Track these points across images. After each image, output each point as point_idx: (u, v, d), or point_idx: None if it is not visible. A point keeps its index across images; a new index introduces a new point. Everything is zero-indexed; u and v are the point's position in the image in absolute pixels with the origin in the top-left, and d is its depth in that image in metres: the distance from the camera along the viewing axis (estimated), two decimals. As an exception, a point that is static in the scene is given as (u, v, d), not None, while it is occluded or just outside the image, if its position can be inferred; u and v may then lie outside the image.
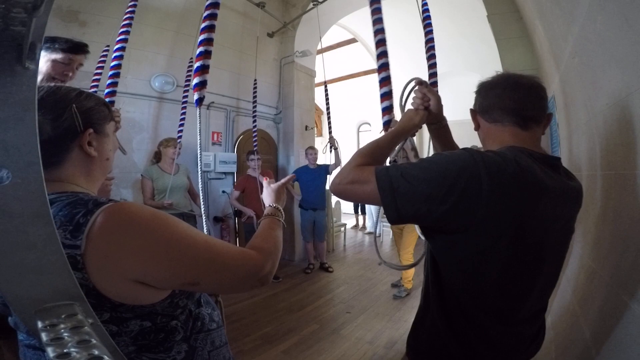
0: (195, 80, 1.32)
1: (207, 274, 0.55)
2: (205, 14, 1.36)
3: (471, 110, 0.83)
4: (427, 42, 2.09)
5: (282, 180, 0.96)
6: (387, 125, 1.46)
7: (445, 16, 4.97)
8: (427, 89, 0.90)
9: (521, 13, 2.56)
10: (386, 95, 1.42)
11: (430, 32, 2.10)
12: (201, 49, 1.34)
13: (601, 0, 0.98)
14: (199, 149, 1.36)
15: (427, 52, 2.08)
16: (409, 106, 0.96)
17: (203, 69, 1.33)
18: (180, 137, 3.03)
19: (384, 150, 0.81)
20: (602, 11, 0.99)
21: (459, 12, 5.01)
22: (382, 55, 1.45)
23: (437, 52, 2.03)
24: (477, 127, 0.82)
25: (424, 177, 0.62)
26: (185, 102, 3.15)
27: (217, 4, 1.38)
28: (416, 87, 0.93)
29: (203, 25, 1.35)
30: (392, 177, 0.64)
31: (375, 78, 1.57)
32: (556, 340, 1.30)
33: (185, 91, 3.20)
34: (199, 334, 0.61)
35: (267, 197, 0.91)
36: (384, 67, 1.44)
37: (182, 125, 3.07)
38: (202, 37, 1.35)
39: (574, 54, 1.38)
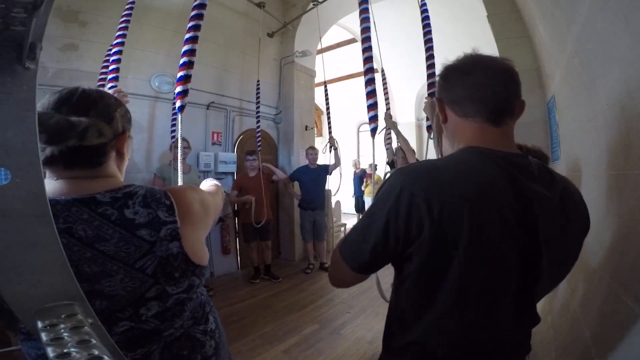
0: (178, 89, 1.41)
1: (217, 210, 0.81)
2: (189, 25, 1.43)
3: (438, 99, 0.70)
4: (426, 42, 2.10)
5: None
6: (373, 132, 1.73)
7: (445, 15, 4.97)
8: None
9: (521, 13, 2.56)
10: (372, 106, 1.72)
11: (429, 32, 2.10)
12: (184, 59, 1.43)
13: (601, 0, 0.98)
14: (179, 151, 1.49)
15: (426, 52, 2.08)
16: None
17: (186, 79, 1.44)
18: (173, 136, 3.05)
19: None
20: (602, 11, 0.99)
21: (459, 12, 5.02)
22: (369, 71, 1.76)
23: (437, 52, 2.03)
24: (445, 120, 0.70)
25: (369, 233, 0.62)
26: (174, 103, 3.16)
27: (201, 15, 1.47)
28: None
29: (187, 36, 1.42)
30: (345, 240, 0.68)
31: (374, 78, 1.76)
32: (556, 340, 1.30)
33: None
34: (212, 306, 0.77)
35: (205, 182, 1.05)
36: (370, 82, 1.75)
37: (173, 126, 3.08)
38: (185, 47, 1.44)
39: (574, 54, 1.38)
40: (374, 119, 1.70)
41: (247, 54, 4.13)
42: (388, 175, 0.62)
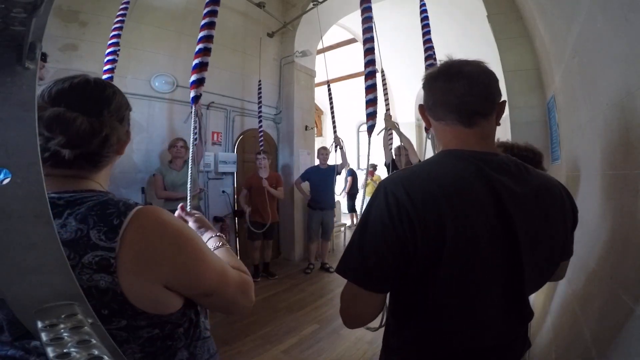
0: (192, 78, 1.28)
1: (220, 288, 0.58)
2: (205, 11, 1.36)
3: (420, 106, 0.74)
4: (425, 42, 2.09)
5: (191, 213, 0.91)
6: (371, 129, 1.62)
7: (445, 16, 4.97)
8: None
9: (521, 13, 2.56)
10: (371, 102, 1.58)
11: (428, 32, 2.10)
12: (200, 45, 1.31)
13: (601, 0, 0.98)
14: (190, 148, 1.29)
15: (425, 52, 2.08)
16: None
17: (201, 67, 1.29)
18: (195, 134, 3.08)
19: None
20: (602, 11, 0.99)
21: (459, 11, 5.01)
22: (370, 63, 1.62)
23: (438, 51, 2.03)
24: (429, 124, 0.73)
25: (370, 245, 0.60)
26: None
27: (217, 1, 1.38)
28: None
29: (203, 22, 1.34)
30: (348, 267, 0.63)
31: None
32: (556, 340, 1.30)
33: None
34: (197, 341, 0.62)
35: (204, 230, 0.85)
36: (370, 75, 1.60)
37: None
38: (201, 33, 1.33)
39: (574, 54, 1.38)
40: (372, 115, 1.56)
41: (247, 54, 4.13)
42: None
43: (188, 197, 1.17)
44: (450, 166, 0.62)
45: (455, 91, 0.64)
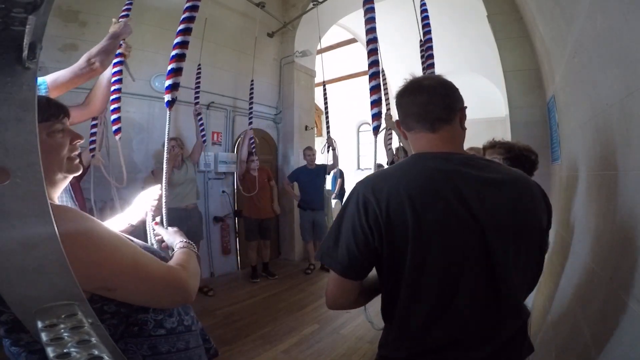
0: (167, 82, 1.28)
1: (126, 281, 0.56)
2: (182, 17, 1.38)
3: (396, 121, 0.84)
4: (425, 41, 2.09)
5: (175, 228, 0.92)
6: (376, 130, 1.57)
7: (444, 16, 4.97)
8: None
9: (521, 13, 2.56)
10: (375, 103, 1.55)
11: (429, 32, 2.09)
12: (175, 51, 1.34)
13: (601, 0, 0.98)
14: (165, 150, 1.18)
15: (425, 51, 2.07)
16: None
17: (176, 72, 1.31)
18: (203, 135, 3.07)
19: None
20: (602, 11, 0.99)
21: (459, 11, 5.01)
22: (374, 63, 1.61)
23: (438, 52, 2.03)
24: (405, 136, 0.82)
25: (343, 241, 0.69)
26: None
27: (196, 7, 1.40)
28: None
29: (179, 27, 1.36)
30: (324, 252, 0.73)
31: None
32: (556, 340, 1.30)
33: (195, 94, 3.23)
34: (131, 338, 0.60)
35: (173, 238, 0.86)
36: (374, 76, 1.58)
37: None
38: (177, 39, 1.36)
39: (574, 54, 1.38)
40: (377, 116, 1.56)
41: (247, 54, 4.12)
42: None
43: (163, 210, 1.02)
44: (416, 165, 0.71)
45: (418, 102, 0.73)
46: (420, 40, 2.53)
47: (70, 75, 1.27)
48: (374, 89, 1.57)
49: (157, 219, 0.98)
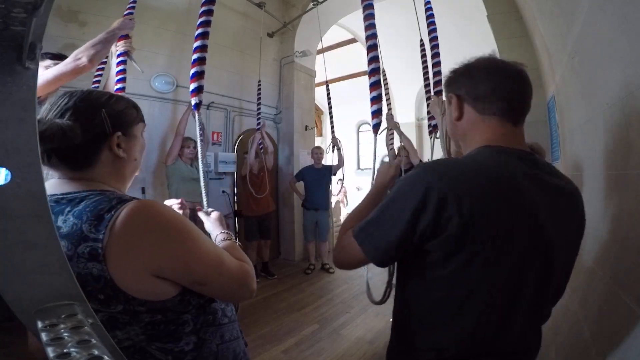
0: (192, 86, 1.34)
1: (214, 277, 0.60)
2: (199, 21, 1.39)
3: (457, 95, 0.69)
4: (431, 40, 2.09)
5: (218, 212, 0.99)
6: (376, 128, 1.53)
7: (445, 16, 4.96)
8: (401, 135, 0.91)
9: (521, 13, 2.56)
10: (375, 99, 1.51)
11: (434, 30, 2.09)
12: (196, 55, 1.36)
13: (601, 0, 0.98)
14: (199, 149, 1.39)
15: (431, 49, 2.07)
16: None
17: (199, 75, 1.35)
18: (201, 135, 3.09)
19: (369, 210, 0.71)
20: (602, 11, 0.99)
21: (458, 12, 5.01)
22: (373, 60, 1.56)
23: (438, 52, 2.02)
24: (460, 117, 0.69)
25: (389, 219, 0.61)
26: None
27: (210, 11, 1.41)
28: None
29: (197, 32, 1.37)
30: (364, 229, 0.65)
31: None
32: (556, 341, 1.30)
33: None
34: (209, 327, 0.64)
35: (213, 227, 0.93)
36: (373, 72, 1.54)
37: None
38: (196, 43, 1.37)
39: (574, 54, 1.38)
40: (377, 113, 1.50)
41: (247, 54, 4.12)
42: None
43: (203, 197, 1.27)
44: (500, 165, 0.60)
45: (510, 89, 0.64)
46: (421, 40, 2.53)
47: (55, 72, 1.24)
48: (374, 86, 1.52)
49: (199, 205, 1.03)
